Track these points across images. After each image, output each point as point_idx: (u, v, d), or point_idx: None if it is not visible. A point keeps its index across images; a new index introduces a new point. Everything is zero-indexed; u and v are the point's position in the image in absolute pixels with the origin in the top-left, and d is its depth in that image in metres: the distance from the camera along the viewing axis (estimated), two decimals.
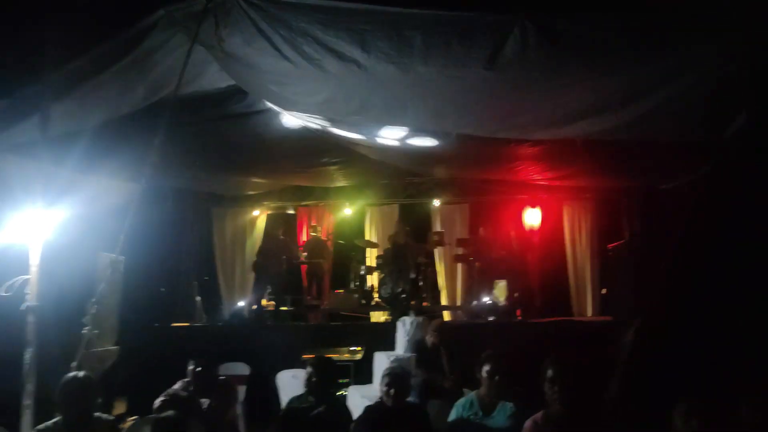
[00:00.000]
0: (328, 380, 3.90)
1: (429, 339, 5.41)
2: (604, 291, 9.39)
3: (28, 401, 3.53)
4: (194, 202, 10.24)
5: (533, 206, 10.24)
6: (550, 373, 3.16)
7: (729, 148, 4.50)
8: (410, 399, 3.94)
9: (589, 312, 9.74)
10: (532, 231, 9.84)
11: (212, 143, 6.50)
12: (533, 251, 9.32)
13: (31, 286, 3.68)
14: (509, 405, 3.65)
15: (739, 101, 4.08)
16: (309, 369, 3.82)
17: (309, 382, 3.79)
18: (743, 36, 3.31)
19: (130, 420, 4.20)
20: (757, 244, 6.19)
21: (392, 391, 3.65)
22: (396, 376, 3.74)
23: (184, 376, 3.98)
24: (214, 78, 4.76)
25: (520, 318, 8.28)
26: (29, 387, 3.54)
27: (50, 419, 3.31)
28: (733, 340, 5.58)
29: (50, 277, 3.86)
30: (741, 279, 6.03)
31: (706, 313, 5.80)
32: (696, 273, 5.93)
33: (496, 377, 3.65)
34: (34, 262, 3.75)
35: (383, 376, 3.77)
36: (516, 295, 8.37)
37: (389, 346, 6.26)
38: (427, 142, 5.73)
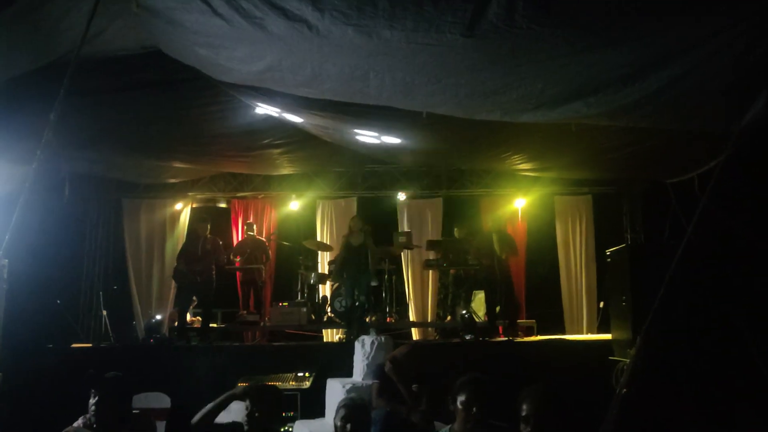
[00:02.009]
0: (270, 414, 3.89)
1: (386, 367, 5.42)
2: (602, 304, 9.64)
3: None
4: (100, 191, 10.04)
5: (519, 202, 10.45)
6: (525, 409, 3.01)
7: (746, 135, 4.68)
8: None
9: (585, 329, 10.02)
10: (517, 232, 10.03)
11: (123, 117, 6.38)
12: (519, 256, 9.48)
13: None
14: None
15: (759, 82, 4.25)
16: (247, 400, 3.81)
17: (249, 416, 3.78)
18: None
19: None
20: None
21: (349, 426, 3.67)
22: (354, 408, 3.76)
23: (87, 411, 3.91)
24: (123, 36, 4.66)
25: (502, 336, 8.42)
26: None
27: None
28: (756, 368, 5.77)
29: None
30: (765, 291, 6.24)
31: (723, 334, 5.99)
32: (711, 283, 6.13)
33: (474, 409, 3.69)
34: None
35: (338, 409, 3.79)
36: (498, 308, 8.51)
37: (345, 371, 6.29)
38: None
